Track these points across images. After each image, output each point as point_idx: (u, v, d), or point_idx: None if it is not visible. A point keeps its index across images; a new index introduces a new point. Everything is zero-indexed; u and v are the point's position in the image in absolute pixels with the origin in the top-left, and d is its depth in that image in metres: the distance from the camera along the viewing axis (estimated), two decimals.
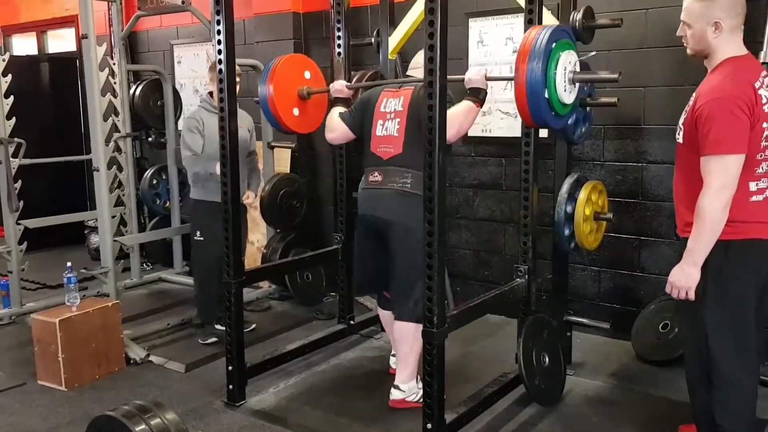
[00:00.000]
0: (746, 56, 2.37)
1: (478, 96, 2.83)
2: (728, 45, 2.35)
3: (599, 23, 3.34)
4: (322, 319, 4.40)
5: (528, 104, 2.52)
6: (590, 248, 3.48)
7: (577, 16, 3.27)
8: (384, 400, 3.25)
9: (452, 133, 2.70)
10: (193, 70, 5.90)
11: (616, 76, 2.62)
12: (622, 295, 4.03)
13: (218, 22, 2.98)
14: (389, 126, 3.05)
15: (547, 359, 3.21)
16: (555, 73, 2.53)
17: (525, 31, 3.04)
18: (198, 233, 4.00)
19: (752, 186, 2.32)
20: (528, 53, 2.50)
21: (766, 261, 2.38)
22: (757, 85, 2.28)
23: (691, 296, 2.35)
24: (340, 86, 3.37)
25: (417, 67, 3.21)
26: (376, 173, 3.08)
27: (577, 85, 2.67)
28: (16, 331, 4.31)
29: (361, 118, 3.19)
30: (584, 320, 3.66)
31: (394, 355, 3.45)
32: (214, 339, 4.05)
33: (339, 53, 3.81)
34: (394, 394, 3.15)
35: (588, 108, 3.42)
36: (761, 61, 3.31)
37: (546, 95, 2.53)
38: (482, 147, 4.48)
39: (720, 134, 2.23)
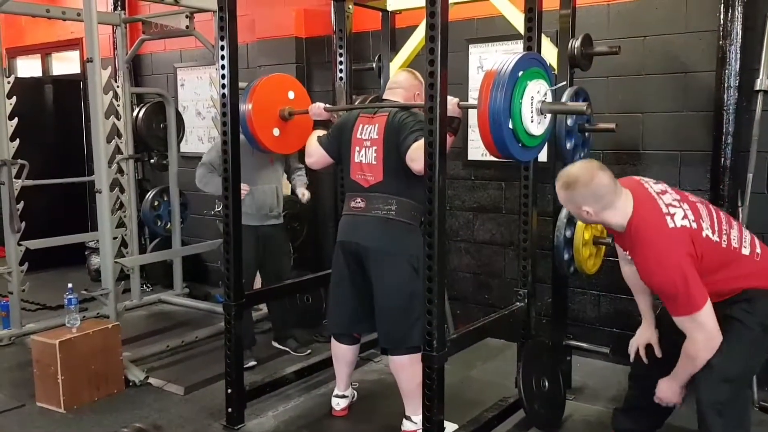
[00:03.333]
0: (637, 207, 2.44)
1: (452, 125, 2.74)
2: (613, 211, 2.45)
3: (598, 50, 3.39)
4: (322, 341, 4.39)
5: (491, 134, 2.46)
6: (590, 272, 3.50)
7: (576, 43, 3.32)
8: (384, 424, 3.25)
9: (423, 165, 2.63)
10: (196, 93, 5.96)
11: (584, 107, 2.59)
12: (622, 320, 4.03)
13: (222, 47, 3.02)
14: (367, 153, 3.02)
15: (546, 383, 3.20)
16: (521, 103, 2.47)
17: None
18: None
19: (745, 251, 2.46)
20: (492, 80, 2.44)
21: None
22: (667, 211, 2.38)
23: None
24: (318, 109, 3.35)
25: (395, 86, 3.20)
26: (359, 199, 3.04)
27: (548, 116, 2.61)
28: (15, 352, 4.30)
29: (338, 143, 3.16)
30: (584, 344, 3.66)
31: (337, 396, 3.41)
32: (252, 363, 4.01)
33: (341, 78, 3.85)
34: (406, 425, 3.12)
35: (587, 133, 3.45)
36: (757, 89, 3.35)
37: (510, 125, 2.46)
38: (482, 170, 4.51)
39: (679, 298, 2.34)
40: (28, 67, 7.79)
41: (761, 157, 3.44)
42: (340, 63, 3.84)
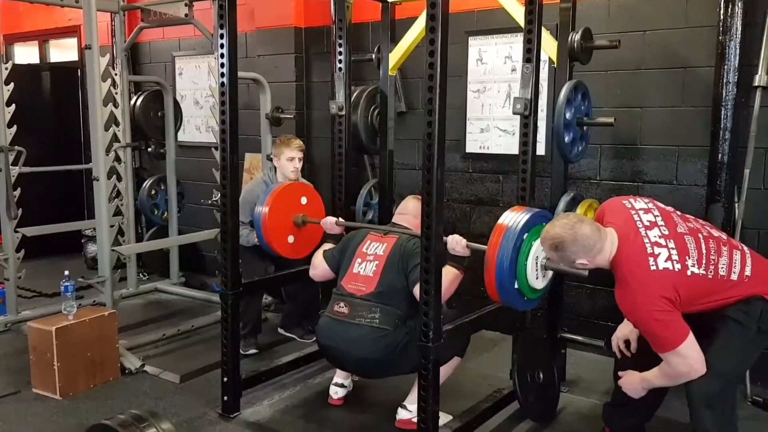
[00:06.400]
0: (621, 245, 2.48)
1: (462, 263, 2.86)
2: (602, 254, 2.50)
3: (597, 44, 3.39)
4: None
5: (497, 292, 2.60)
6: None
7: (576, 36, 3.32)
8: (379, 414, 3.27)
9: None
10: (194, 82, 5.94)
11: (586, 273, 2.61)
12: (617, 313, 3.98)
13: (221, 36, 3.01)
14: (367, 266, 3.08)
15: (541, 376, 3.22)
16: (526, 264, 2.58)
17: (524, 50, 3.10)
18: None
19: (733, 277, 2.47)
20: (498, 245, 2.55)
21: None
22: (651, 250, 2.41)
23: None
24: (330, 223, 3.46)
25: (405, 213, 3.30)
26: (342, 304, 3.07)
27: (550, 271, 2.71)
28: (11, 339, 4.30)
29: (341, 256, 3.23)
30: (579, 337, 3.68)
31: (336, 384, 3.44)
32: (253, 351, 4.07)
33: (340, 68, 3.84)
34: (401, 414, 3.14)
35: (585, 127, 3.45)
36: (755, 84, 3.36)
37: (516, 286, 2.59)
38: (480, 163, 4.52)
39: (656, 338, 2.41)
40: (26, 54, 7.74)
41: (758, 153, 3.46)
42: (340, 54, 3.83)
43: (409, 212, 3.29)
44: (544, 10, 3.11)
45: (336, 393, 3.41)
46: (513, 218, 2.62)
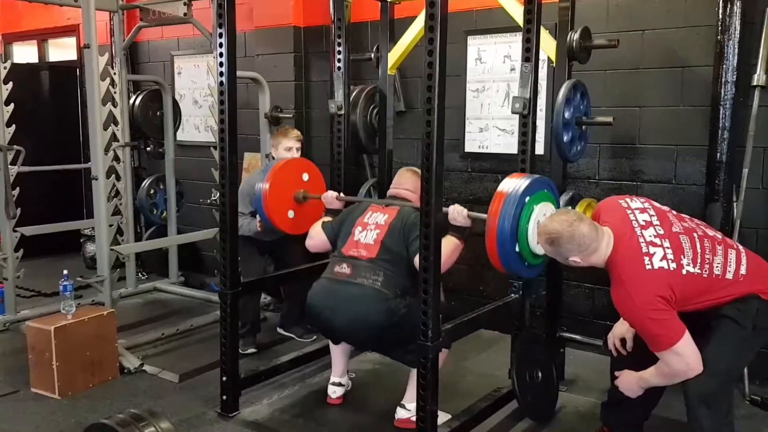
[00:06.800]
0: (617, 244, 2.48)
1: (463, 234, 2.87)
2: (597, 254, 2.50)
3: (596, 44, 3.39)
4: (316, 330, 4.40)
5: (498, 256, 2.61)
6: None
7: (575, 36, 3.32)
8: (378, 413, 3.27)
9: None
10: (193, 81, 5.94)
11: None
12: (616, 312, 4.01)
13: (220, 35, 3.01)
14: (368, 234, 3.08)
15: (540, 375, 3.22)
16: (527, 227, 2.60)
17: (523, 49, 3.10)
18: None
19: (728, 276, 2.47)
20: (499, 208, 2.56)
21: None
22: (646, 250, 2.41)
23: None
24: (331, 197, 3.46)
25: (400, 187, 3.29)
26: (345, 265, 3.04)
27: None
28: (10, 339, 4.30)
29: (340, 227, 3.23)
30: (578, 337, 3.68)
31: (333, 384, 3.44)
32: (252, 350, 4.08)
33: (339, 68, 3.85)
34: (400, 413, 3.14)
35: (584, 127, 3.46)
36: (754, 84, 3.36)
37: (517, 249, 2.60)
38: (479, 163, 4.52)
39: (651, 337, 2.42)
40: (25, 53, 7.74)
41: (757, 152, 3.46)
42: (339, 53, 3.83)
43: (404, 186, 3.28)
44: (543, 9, 3.12)
45: (334, 392, 3.41)
46: (513, 184, 2.62)
